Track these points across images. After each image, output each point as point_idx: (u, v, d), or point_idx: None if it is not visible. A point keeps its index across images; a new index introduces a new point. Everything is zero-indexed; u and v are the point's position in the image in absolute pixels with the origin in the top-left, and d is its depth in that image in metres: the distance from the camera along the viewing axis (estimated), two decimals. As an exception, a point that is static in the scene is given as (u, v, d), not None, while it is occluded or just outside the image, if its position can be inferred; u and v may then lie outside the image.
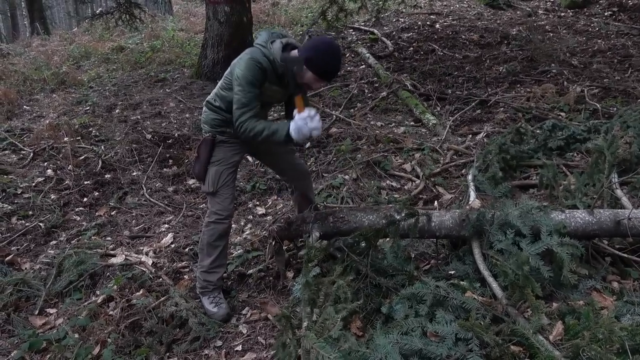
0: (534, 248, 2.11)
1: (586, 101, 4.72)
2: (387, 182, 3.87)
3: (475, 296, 2.03)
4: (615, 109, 4.45)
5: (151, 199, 4.04)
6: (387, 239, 2.56)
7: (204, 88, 6.45)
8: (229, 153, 2.53)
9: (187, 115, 5.67)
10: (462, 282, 2.15)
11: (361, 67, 6.87)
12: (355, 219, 2.52)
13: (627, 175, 3.03)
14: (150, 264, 3.03)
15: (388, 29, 8.61)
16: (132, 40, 9.85)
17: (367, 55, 7.08)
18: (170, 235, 3.45)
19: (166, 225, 3.65)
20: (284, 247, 2.76)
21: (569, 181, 3.06)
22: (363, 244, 2.41)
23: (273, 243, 2.72)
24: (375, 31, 8.30)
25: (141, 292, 2.72)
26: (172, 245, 3.31)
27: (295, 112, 2.28)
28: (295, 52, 2.33)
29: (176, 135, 5.11)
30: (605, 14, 8.34)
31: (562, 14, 8.67)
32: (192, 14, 13.07)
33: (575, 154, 3.77)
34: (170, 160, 4.72)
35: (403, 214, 2.41)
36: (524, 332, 1.74)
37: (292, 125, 2.24)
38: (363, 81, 6.28)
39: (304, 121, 2.22)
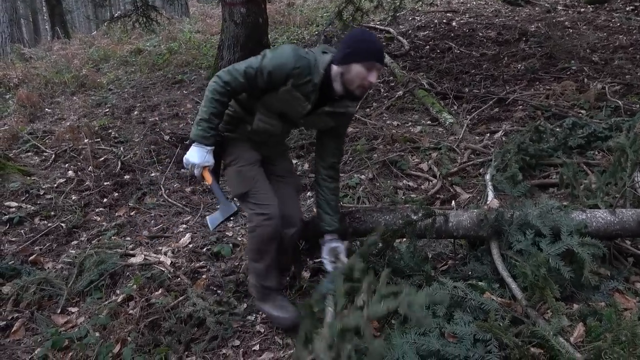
0: (554, 248, 2.07)
1: (607, 98, 4.62)
2: (404, 181, 3.85)
3: (494, 297, 2.01)
4: (638, 105, 4.35)
5: (169, 200, 4.09)
6: (404, 239, 2.55)
7: (220, 89, 6.50)
8: (241, 150, 2.34)
9: (204, 116, 5.71)
10: (480, 283, 2.13)
11: (377, 66, 6.85)
12: (371, 219, 2.51)
13: (651, 173, 2.95)
14: (168, 264, 3.06)
15: (404, 27, 8.56)
16: (149, 43, 10.00)
17: (383, 54, 7.05)
18: (188, 235, 3.48)
19: (184, 226, 3.68)
20: (300, 247, 2.77)
21: (590, 180, 2.99)
22: (380, 245, 2.40)
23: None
24: (391, 30, 8.26)
25: (160, 291, 2.75)
26: (190, 245, 3.34)
27: (211, 170, 2.23)
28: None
29: (193, 136, 5.16)
30: (627, 9, 8.15)
31: (582, 10, 8.51)
32: (208, 16, 13.19)
33: (597, 153, 3.70)
34: (188, 161, 4.77)
35: (420, 214, 2.39)
36: (544, 334, 1.71)
37: (195, 148, 2.17)
38: (379, 80, 6.26)
39: (196, 159, 2.17)
